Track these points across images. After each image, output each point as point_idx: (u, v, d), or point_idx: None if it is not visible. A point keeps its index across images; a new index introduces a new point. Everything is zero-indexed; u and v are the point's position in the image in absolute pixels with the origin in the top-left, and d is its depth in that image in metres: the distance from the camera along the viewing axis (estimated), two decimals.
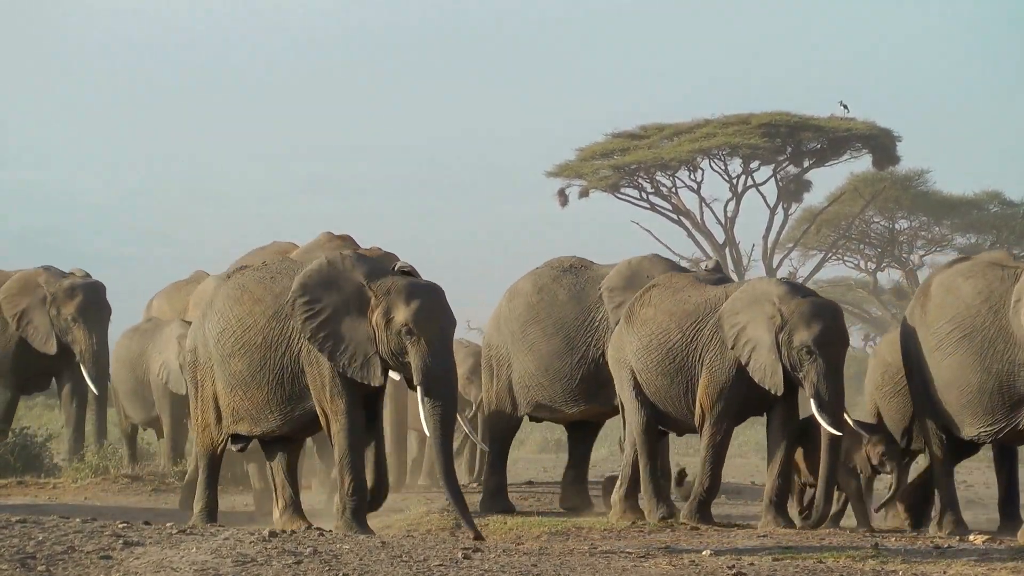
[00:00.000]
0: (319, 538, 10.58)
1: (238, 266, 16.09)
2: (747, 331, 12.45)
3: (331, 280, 11.35)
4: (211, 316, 11.74)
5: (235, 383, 11.52)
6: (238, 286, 11.71)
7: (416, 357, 11.13)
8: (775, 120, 38.74)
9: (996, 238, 41.24)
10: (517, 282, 14.81)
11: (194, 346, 11.89)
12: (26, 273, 18.62)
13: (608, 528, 12.81)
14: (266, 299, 11.54)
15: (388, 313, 11.18)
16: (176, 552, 9.67)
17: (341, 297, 11.29)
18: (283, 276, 11.61)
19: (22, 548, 9.69)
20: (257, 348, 11.46)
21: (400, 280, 11.27)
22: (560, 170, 40.08)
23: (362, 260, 11.50)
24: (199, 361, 11.80)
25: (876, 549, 11.47)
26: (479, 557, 10.05)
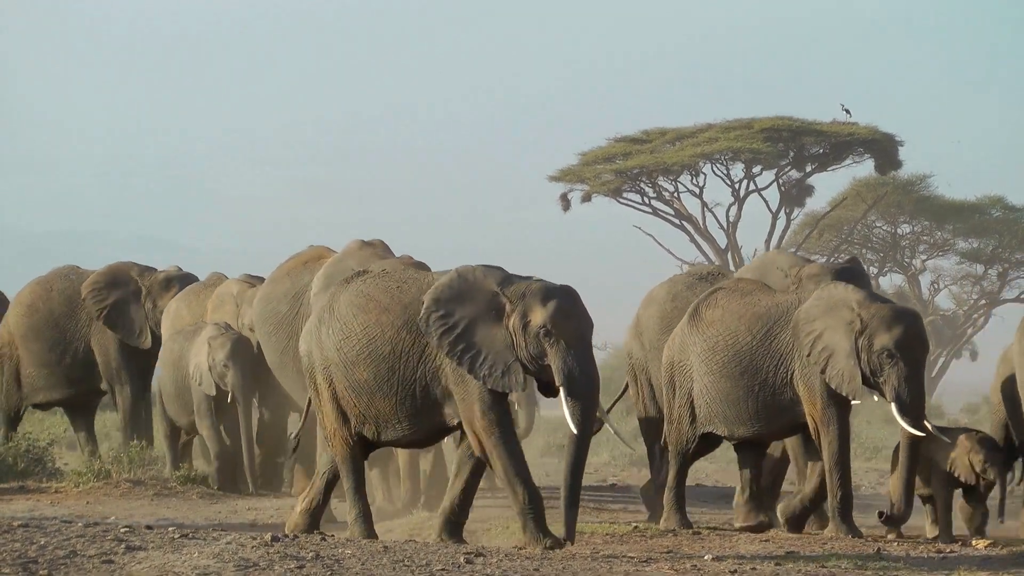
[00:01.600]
0: (321, 543, 10.58)
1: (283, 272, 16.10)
2: (824, 338, 12.33)
3: (463, 292, 11.23)
4: (331, 322, 11.61)
5: (360, 390, 11.44)
6: (362, 294, 11.56)
7: (556, 358, 11.02)
8: (777, 125, 38.71)
9: (998, 243, 41.22)
10: (654, 288, 14.80)
11: (308, 351, 11.77)
12: (115, 266, 18.52)
13: (610, 533, 12.81)
14: (394, 309, 11.41)
15: (525, 317, 11.09)
16: (178, 556, 9.67)
17: (475, 308, 11.19)
18: (411, 287, 11.49)
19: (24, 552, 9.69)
20: (384, 358, 11.34)
21: (534, 283, 11.22)
22: (562, 175, 40.05)
23: (492, 268, 11.41)
24: (316, 365, 11.68)
25: (879, 554, 11.47)
26: (481, 561, 10.04)
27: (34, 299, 18.56)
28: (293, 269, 16.14)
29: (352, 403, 11.52)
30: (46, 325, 18.39)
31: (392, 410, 11.38)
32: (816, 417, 12.45)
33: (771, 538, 12.54)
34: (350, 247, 15.73)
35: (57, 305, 18.33)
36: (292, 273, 16.07)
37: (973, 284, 42.22)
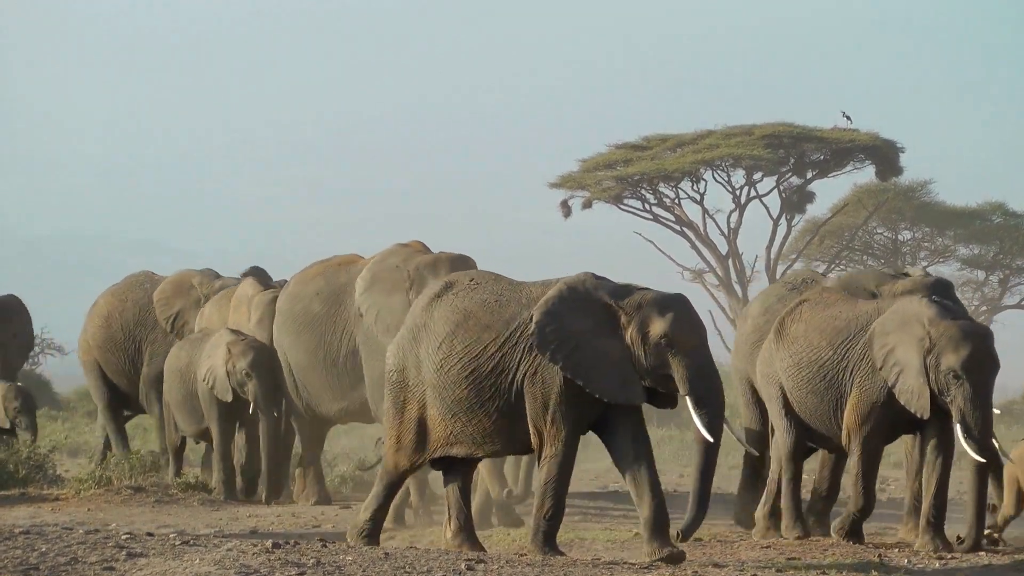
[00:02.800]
0: (322, 549, 10.57)
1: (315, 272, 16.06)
2: (896, 353, 12.14)
3: (575, 304, 11.08)
4: (427, 340, 11.39)
5: (459, 410, 11.23)
6: (458, 310, 11.35)
7: (680, 368, 10.94)
8: (778, 131, 38.71)
9: (999, 249, 41.22)
10: (750, 303, 14.78)
11: (402, 367, 11.53)
12: (179, 275, 18.52)
13: (611, 540, 12.79)
14: (495, 326, 11.23)
15: (644, 327, 10.97)
16: (179, 563, 9.67)
17: (589, 320, 11.06)
18: (511, 301, 11.30)
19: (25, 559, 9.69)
20: (487, 376, 11.18)
21: (648, 294, 11.10)
22: (563, 181, 40.04)
23: (600, 279, 11.30)
24: (408, 383, 11.47)
25: (880, 562, 11.46)
26: (482, 568, 10.04)
27: (110, 311, 18.63)
28: (327, 269, 16.11)
29: (445, 425, 11.30)
30: (123, 336, 18.43)
31: (493, 426, 11.21)
32: (851, 426, 12.35)
33: (772, 544, 12.53)
34: (390, 250, 15.68)
35: (132, 316, 18.34)
36: (326, 273, 16.05)
37: (974, 290, 42.24)
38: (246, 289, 17.35)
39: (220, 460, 16.46)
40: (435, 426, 11.36)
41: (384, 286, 15.33)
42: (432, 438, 11.40)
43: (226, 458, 16.44)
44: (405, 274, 15.23)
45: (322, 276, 16.03)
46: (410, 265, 15.28)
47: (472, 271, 12.02)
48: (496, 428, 11.22)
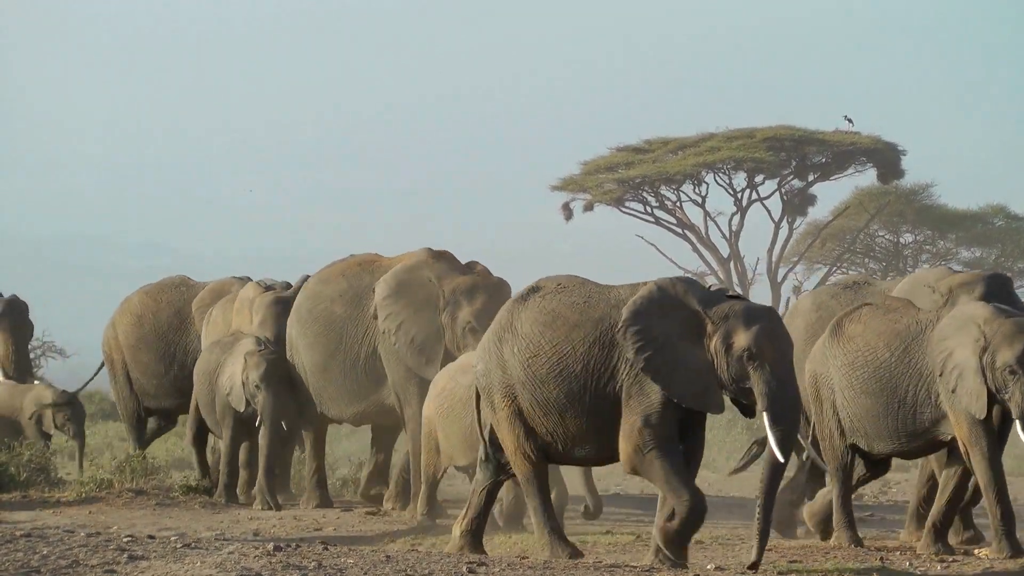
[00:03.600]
0: (323, 552, 10.57)
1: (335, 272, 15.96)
2: (954, 356, 12.06)
3: (663, 307, 11.02)
4: (514, 341, 11.36)
5: (549, 409, 11.21)
6: (546, 311, 11.31)
7: (760, 383, 10.86)
8: (780, 134, 38.74)
9: (1000, 252, 41.22)
10: (799, 299, 14.67)
11: (487, 370, 11.53)
12: (220, 283, 18.38)
13: (613, 542, 12.79)
14: (585, 325, 11.18)
15: (728, 338, 10.90)
16: (180, 566, 9.66)
17: (675, 324, 11.00)
18: (599, 302, 11.26)
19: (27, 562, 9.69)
20: (576, 376, 11.13)
21: (737, 304, 11.03)
22: (564, 184, 40.07)
23: (692, 285, 11.25)
24: (495, 385, 11.45)
25: (882, 564, 11.45)
26: (484, 570, 10.03)
27: (143, 310, 18.46)
28: (347, 270, 15.98)
29: (540, 421, 11.28)
30: (154, 336, 18.26)
31: (582, 428, 11.17)
32: (963, 437, 12.14)
33: (774, 548, 12.52)
34: (419, 254, 15.59)
35: (165, 317, 18.23)
36: (347, 274, 15.93)
37: None
38: (248, 292, 17.33)
39: (226, 464, 16.35)
40: (534, 422, 11.33)
41: (413, 299, 15.24)
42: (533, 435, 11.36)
43: (232, 463, 16.32)
44: (439, 293, 15.17)
45: (344, 277, 15.93)
46: (445, 286, 15.18)
47: (558, 276, 11.84)
48: (589, 429, 11.17)
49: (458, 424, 13.83)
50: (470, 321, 14.88)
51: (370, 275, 15.78)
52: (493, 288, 15.10)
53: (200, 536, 12.41)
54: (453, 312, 15.00)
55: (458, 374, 13.93)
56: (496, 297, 14.96)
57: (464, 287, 15.08)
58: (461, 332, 14.95)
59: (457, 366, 14.10)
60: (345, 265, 16.11)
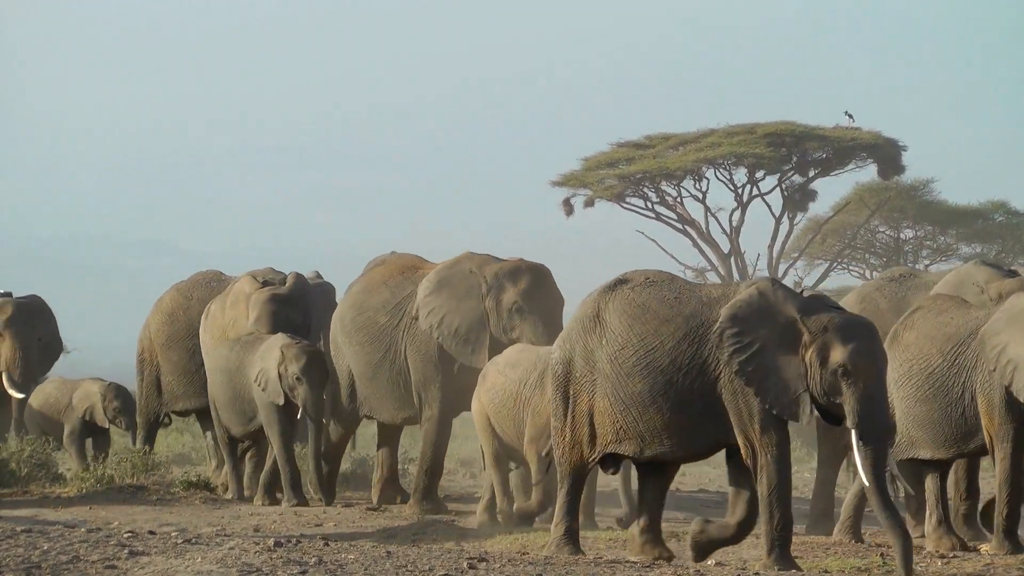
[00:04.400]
0: (324, 548, 10.57)
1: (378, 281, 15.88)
2: (1008, 350, 11.91)
3: (763, 312, 10.94)
4: (600, 332, 11.26)
5: (631, 403, 11.10)
6: (636, 304, 11.20)
7: (852, 400, 10.71)
8: (780, 130, 38.71)
9: (1001, 247, 41.20)
10: (849, 296, 14.61)
11: (568, 358, 11.40)
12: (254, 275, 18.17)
13: (613, 538, 12.79)
14: (675, 320, 11.08)
15: (824, 352, 10.78)
16: (181, 562, 9.67)
17: (772, 331, 10.90)
18: (690, 298, 11.17)
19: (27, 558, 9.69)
20: (663, 371, 11.03)
21: (836, 316, 10.92)
22: (565, 180, 40.03)
23: (790, 291, 11.19)
24: (574, 375, 11.34)
25: (882, 559, 11.45)
26: (484, 567, 10.04)
27: (175, 307, 18.39)
28: (390, 278, 15.95)
29: (616, 417, 11.17)
30: (186, 334, 18.15)
31: (665, 424, 11.06)
32: (992, 431, 12.08)
33: None
34: (461, 258, 15.58)
35: (197, 314, 18.05)
36: (390, 283, 15.90)
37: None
38: (244, 286, 17.31)
39: (285, 463, 15.96)
40: (605, 419, 11.23)
41: (455, 291, 15.26)
42: (602, 432, 11.27)
43: (291, 460, 16.00)
44: (480, 280, 15.19)
45: (387, 286, 15.89)
46: (487, 272, 15.21)
47: (646, 270, 11.73)
48: (669, 426, 11.07)
49: (510, 419, 13.81)
50: (516, 301, 14.94)
51: (412, 284, 15.77)
52: (536, 270, 15.16)
53: (201, 532, 12.41)
54: (497, 295, 15.01)
55: (507, 369, 13.90)
56: (539, 278, 15.07)
57: (507, 270, 15.14)
58: (507, 314, 14.99)
59: (505, 360, 14.05)
60: (388, 272, 16.06)
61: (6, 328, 19.18)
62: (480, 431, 14.13)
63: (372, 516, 15.13)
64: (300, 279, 17.50)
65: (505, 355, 14.17)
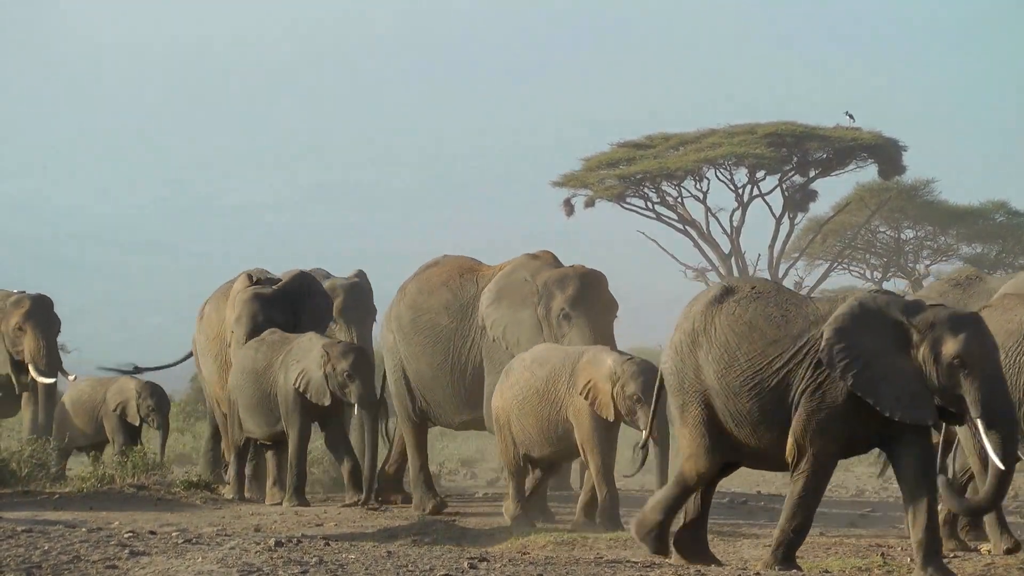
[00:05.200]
0: (325, 548, 10.57)
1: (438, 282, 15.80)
2: None
3: (865, 322, 10.84)
4: (710, 347, 11.19)
5: (741, 420, 11.05)
6: (743, 321, 11.12)
7: (972, 389, 10.63)
8: (781, 130, 38.76)
9: (1001, 248, 41.23)
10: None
11: (679, 370, 11.31)
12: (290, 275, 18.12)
13: (614, 538, 12.79)
14: (782, 341, 11.01)
15: (936, 347, 10.70)
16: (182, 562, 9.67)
17: (880, 338, 10.81)
18: (797, 317, 11.07)
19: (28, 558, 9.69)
20: (770, 391, 10.96)
21: (941, 311, 10.85)
22: (565, 180, 40.09)
23: (891, 295, 11.11)
24: (685, 386, 11.26)
25: (883, 558, 11.46)
26: (485, 566, 10.04)
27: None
28: (450, 280, 15.90)
29: (728, 431, 11.14)
30: None
31: (775, 441, 11.00)
32: None
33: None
34: (519, 260, 15.56)
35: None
36: (450, 284, 15.85)
37: None
38: (239, 286, 17.31)
39: (295, 464, 15.96)
40: (719, 431, 11.18)
41: (512, 300, 15.24)
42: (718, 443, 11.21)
43: (301, 462, 16.02)
44: (533, 288, 15.16)
45: (447, 288, 15.83)
46: (538, 279, 15.18)
47: (752, 278, 11.70)
48: (775, 443, 11.01)
49: (534, 416, 13.78)
50: (563, 308, 14.94)
51: (474, 285, 15.74)
52: (583, 276, 15.14)
53: (201, 531, 12.41)
54: (547, 303, 14.99)
55: (533, 365, 13.90)
56: (588, 284, 15.04)
57: (555, 277, 15.14)
58: (556, 321, 14.96)
59: (532, 357, 14.06)
60: (446, 274, 15.99)
61: (26, 321, 19.32)
62: (498, 428, 14.11)
63: (373, 516, 15.14)
64: (298, 279, 17.42)
65: (532, 352, 14.20)
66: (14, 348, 19.44)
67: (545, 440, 13.76)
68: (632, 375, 13.39)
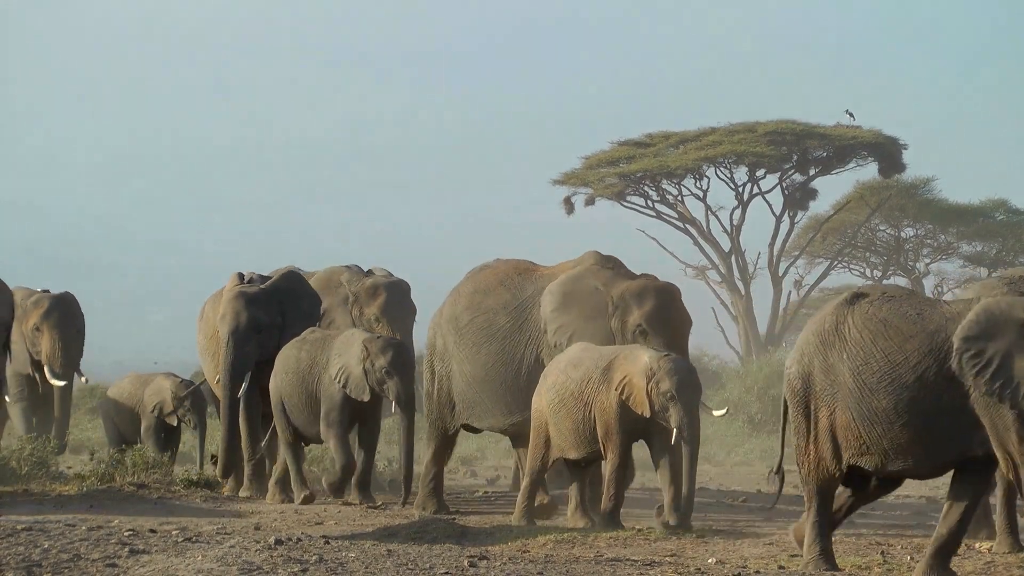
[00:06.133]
0: (324, 546, 10.57)
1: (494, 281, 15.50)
2: None
3: (992, 326, 10.77)
4: (842, 346, 11.12)
5: (875, 419, 10.95)
6: (876, 319, 11.05)
7: None
8: (781, 128, 38.75)
9: (1002, 246, 41.22)
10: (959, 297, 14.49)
11: (807, 373, 11.23)
12: (327, 272, 18.23)
13: (614, 536, 12.80)
14: (919, 336, 10.92)
15: None
16: (182, 560, 9.67)
17: (1006, 340, 10.73)
18: (932, 315, 11.00)
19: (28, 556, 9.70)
20: (907, 387, 10.88)
21: None
22: (566, 178, 40.10)
23: (1017, 298, 11.00)
24: (814, 390, 11.20)
25: (883, 556, 11.46)
26: (485, 565, 10.04)
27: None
28: (507, 279, 15.64)
29: (858, 433, 11.03)
30: None
31: (911, 439, 10.91)
32: None
33: (775, 542, 12.53)
34: (587, 264, 15.29)
35: None
36: (508, 284, 15.59)
37: None
38: (228, 285, 17.30)
39: (343, 464, 15.72)
40: (848, 434, 11.10)
41: (582, 309, 14.93)
42: (845, 446, 11.13)
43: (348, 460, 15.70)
44: (607, 300, 14.86)
45: (505, 287, 15.56)
46: (614, 291, 14.86)
47: (883, 285, 11.65)
48: (913, 441, 10.91)
49: (570, 418, 13.76)
50: (640, 324, 14.59)
51: (532, 284, 15.48)
52: (662, 291, 14.84)
53: (201, 530, 12.41)
54: (623, 316, 14.71)
55: (569, 368, 13.87)
56: (665, 299, 14.74)
57: (633, 291, 14.80)
58: (632, 336, 14.62)
59: (567, 359, 14.01)
60: (503, 274, 15.73)
61: (44, 321, 19.26)
62: (534, 430, 14.08)
63: (373, 514, 15.13)
64: (286, 278, 17.33)
65: (567, 354, 14.13)
66: (33, 348, 19.38)
67: (580, 441, 13.73)
68: (668, 372, 13.34)
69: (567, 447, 13.86)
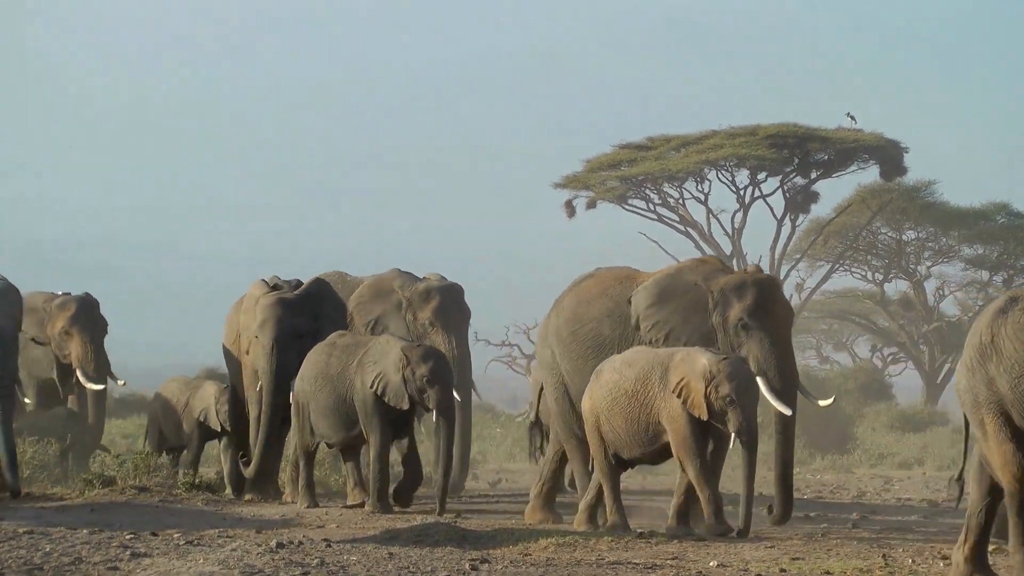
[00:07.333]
0: (326, 549, 10.58)
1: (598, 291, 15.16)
2: None
3: None
4: (997, 358, 10.95)
5: None
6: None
7: None
8: (782, 131, 38.73)
9: (1003, 249, 41.21)
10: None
11: (972, 387, 11.08)
12: (379, 279, 18.14)
13: (615, 539, 12.79)
14: None
15: None
16: (183, 563, 9.68)
17: None
18: None
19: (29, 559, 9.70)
20: None
21: None
22: (567, 181, 40.10)
23: None
24: (982, 401, 11.01)
25: (884, 559, 11.46)
26: (487, 568, 10.04)
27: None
28: (609, 288, 15.30)
29: None
30: None
31: None
32: None
33: (776, 544, 12.53)
34: (684, 263, 15.12)
35: None
36: (610, 292, 15.25)
37: (978, 290, 42.22)
38: (255, 291, 17.31)
39: (379, 471, 15.63)
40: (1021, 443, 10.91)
41: (681, 303, 14.66)
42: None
43: (384, 467, 15.66)
44: (707, 294, 14.57)
45: (608, 296, 15.23)
46: (713, 285, 14.56)
47: None
48: None
49: (623, 417, 13.69)
50: (742, 318, 14.28)
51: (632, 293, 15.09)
52: (762, 284, 14.53)
53: (203, 533, 12.42)
54: (724, 311, 14.43)
55: (623, 367, 13.80)
56: (766, 292, 14.45)
57: (732, 284, 14.50)
58: (733, 330, 14.35)
59: (622, 359, 13.93)
60: (605, 283, 15.41)
61: (72, 325, 19.12)
62: (590, 432, 14.02)
63: (374, 518, 15.13)
64: (316, 285, 17.40)
65: (623, 355, 14.04)
66: (61, 352, 19.25)
67: (635, 442, 13.65)
68: (727, 376, 13.21)
69: (620, 446, 13.76)
